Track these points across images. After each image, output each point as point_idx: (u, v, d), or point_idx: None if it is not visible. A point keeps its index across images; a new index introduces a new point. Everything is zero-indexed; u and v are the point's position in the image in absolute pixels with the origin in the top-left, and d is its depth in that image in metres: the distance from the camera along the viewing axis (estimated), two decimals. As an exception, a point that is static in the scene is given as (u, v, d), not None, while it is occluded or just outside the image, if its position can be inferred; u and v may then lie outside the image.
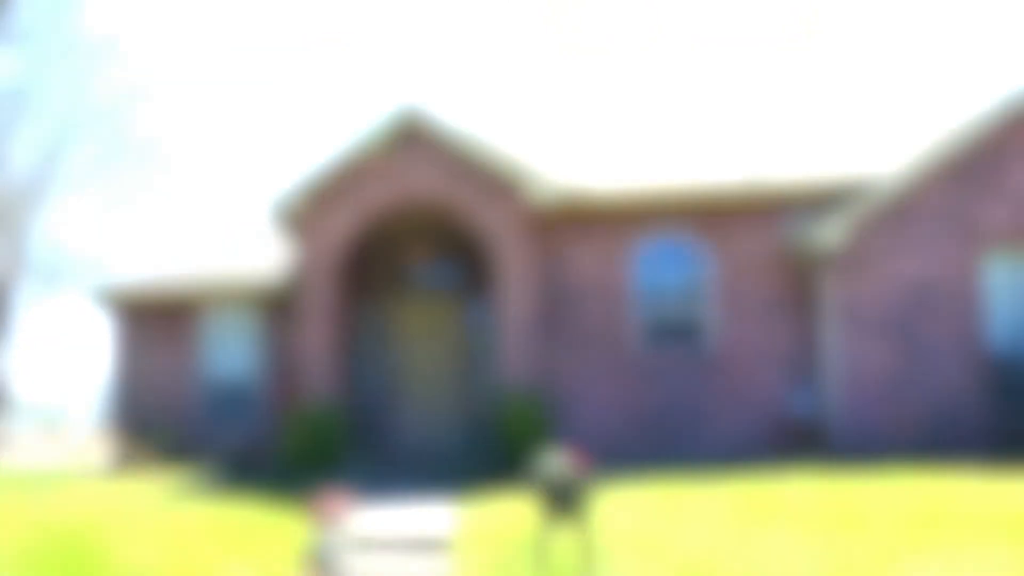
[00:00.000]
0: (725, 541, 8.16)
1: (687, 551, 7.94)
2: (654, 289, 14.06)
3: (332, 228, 13.65)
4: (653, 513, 9.13)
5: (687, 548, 8.02)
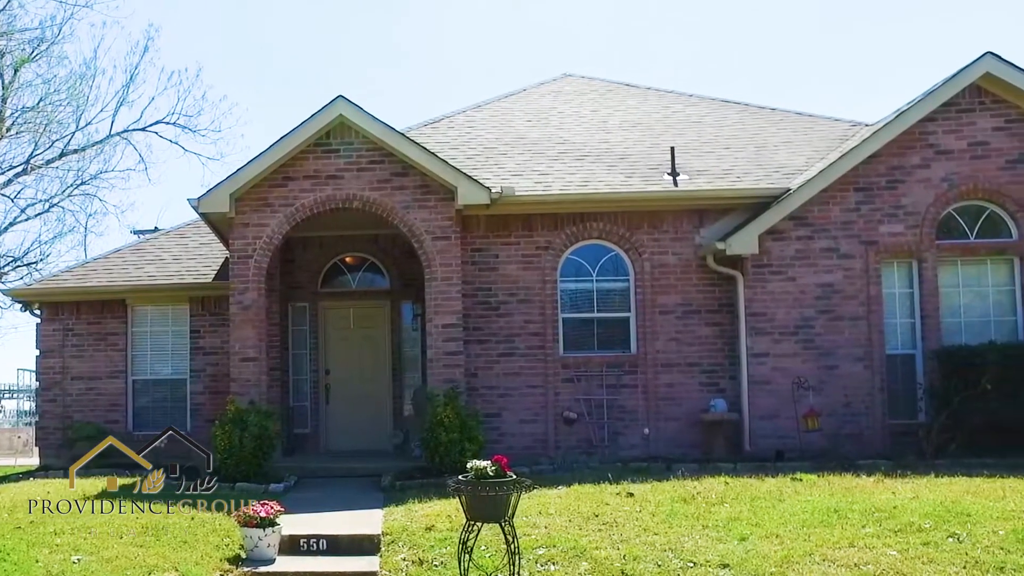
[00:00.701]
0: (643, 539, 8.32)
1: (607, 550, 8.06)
2: (577, 294, 14.16)
3: (261, 228, 13.44)
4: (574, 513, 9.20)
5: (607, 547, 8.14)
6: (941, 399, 12.59)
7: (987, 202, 13.66)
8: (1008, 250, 13.58)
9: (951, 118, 13.69)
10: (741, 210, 13.96)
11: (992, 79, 13.56)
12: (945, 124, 13.69)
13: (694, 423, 13.57)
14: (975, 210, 13.70)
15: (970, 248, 13.65)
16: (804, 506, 9.05)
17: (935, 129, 13.69)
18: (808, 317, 13.42)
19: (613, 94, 18.92)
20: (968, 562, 7.36)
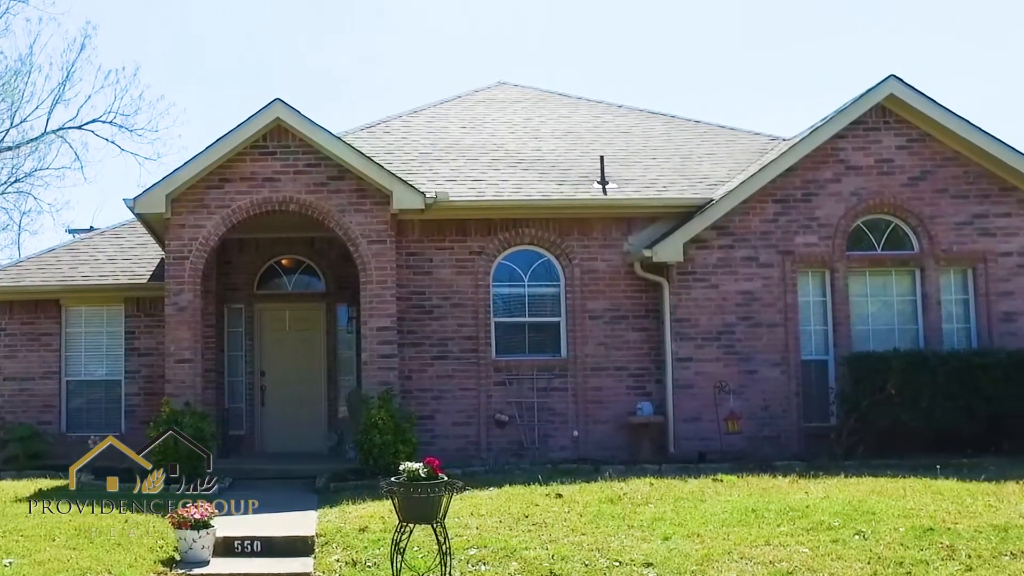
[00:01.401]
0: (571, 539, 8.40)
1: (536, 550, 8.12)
2: (510, 299, 14.25)
3: (197, 230, 13.25)
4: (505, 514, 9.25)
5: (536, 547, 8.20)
6: (851, 403, 12.97)
7: (892, 216, 14.10)
8: (910, 262, 14.04)
9: (860, 136, 14.12)
10: (667, 219, 14.15)
11: (896, 100, 14.01)
12: (854, 141, 14.11)
13: (622, 426, 13.73)
14: (881, 224, 14.13)
15: (877, 260, 14.07)
16: (724, 506, 9.25)
17: (845, 146, 14.09)
18: (729, 323, 13.70)
19: (546, 103, 19.04)
20: (872, 558, 7.59)
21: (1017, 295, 13.88)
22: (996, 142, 13.88)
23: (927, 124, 14.07)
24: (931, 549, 7.69)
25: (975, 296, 13.96)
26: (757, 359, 13.63)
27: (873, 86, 14.03)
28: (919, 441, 12.87)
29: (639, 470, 11.75)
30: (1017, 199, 14.06)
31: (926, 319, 13.84)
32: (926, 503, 9.07)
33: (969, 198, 14.05)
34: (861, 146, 14.10)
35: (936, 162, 14.11)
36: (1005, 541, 7.75)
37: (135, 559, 8.26)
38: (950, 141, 14.07)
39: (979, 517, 8.45)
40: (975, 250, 13.95)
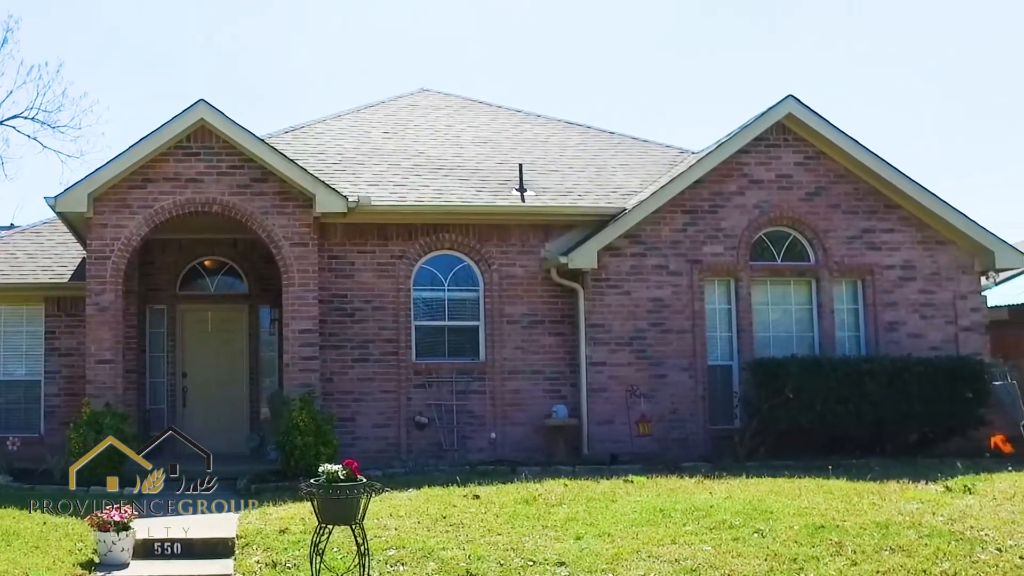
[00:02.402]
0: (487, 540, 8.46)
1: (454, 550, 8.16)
2: (430, 303, 14.24)
3: (120, 229, 12.94)
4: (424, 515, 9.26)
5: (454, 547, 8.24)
6: (753, 407, 13.32)
7: (791, 229, 14.53)
8: (807, 272, 14.49)
9: (762, 151, 14.51)
10: (583, 226, 14.31)
11: (794, 119, 14.47)
12: (757, 156, 14.49)
13: (538, 428, 13.83)
14: (781, 236, 14.55)
15: (777, 270, 14.49)
16: (634, 506, 9.41)
17: (749, 160, 14.46)
18: (641, 329, 13.92)
19: (467, 110, 19.08)
20: (769, 555, 7.83)
21: (900, 306, 14.44)
22: (881, 162, 14.42)
23: (821, 143, 14.53)
24: (822, 545, 7.96)
25: (863, 306, 14.50)
26: (667, 364, 13.89)
27: (773, 105, 14.43)
28: (814, 442, 13.26)
29: (554, 471, 11.85)
30: (899, 216, 14.62)
31: (821, 327, 14.31)
32: (818, 502, 9.38)
33: (859, 213, 14.57)
34: (763, 161, 14.49)
35: (830, 179, 14.59)
36: (886, 537, 8.07)
37: (53, 562, 8.08)
38: (842, 159, 14.56)
39: (864, 515, 8.78)
40: (863, 263, 14.47)
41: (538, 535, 8.55)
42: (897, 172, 14.44)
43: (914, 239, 14.60)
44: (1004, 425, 13.88)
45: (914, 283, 14.50)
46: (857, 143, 14.42)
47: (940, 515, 8.68)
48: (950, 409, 13.31)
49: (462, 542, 8.40)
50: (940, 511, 8.85)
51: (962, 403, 13.34)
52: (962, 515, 8.67)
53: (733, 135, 14.51)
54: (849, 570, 7.41)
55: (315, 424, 12.02)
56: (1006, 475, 10.96)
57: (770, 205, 14.37)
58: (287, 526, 9.03)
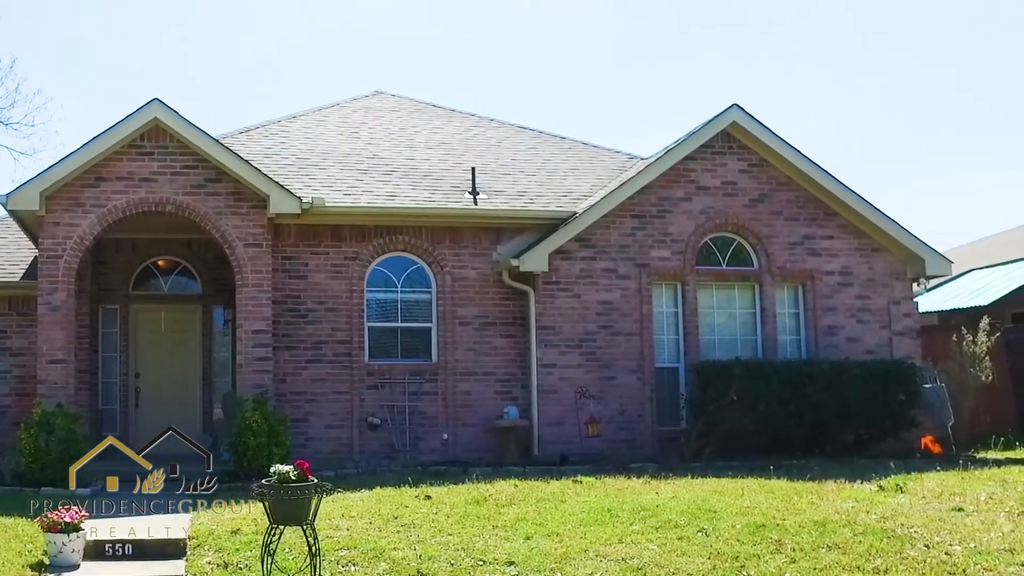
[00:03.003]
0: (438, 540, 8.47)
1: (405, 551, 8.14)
2: (383, 304, 14.19)
3: (72, 228, 12.71)
4: (375, 515, 9.23)
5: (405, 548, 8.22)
6: (698, 408, 13.46)
7: (735, 235, 14.73)
8: (751, 277, 14.69)
9: (708, 159, 14.68)
10: (534, 230, 14.37)
11: (738, 128, 14.67)
12: (703, 163, 14.66)
13: (489, 429, 13.84)
14: (727, 241, 14.74)
15: (722, 274, 14.67)
16: (583, 506, 9.46)
17: (696, 167, 14.62)
18: (591, 331, 14.01)
19: (421, 113, 19.06)
20: (712, 553, 7.91)
21: (838, 310, 14.71)
22: (821, 171, 14.68)
23: (765, 151, 14.75)
24: (763, 544, 8.06)
25: (804, 310, 14.74)
26: (616, 366, 13.99)
27: (719, 113, 14.62)
28: (757, 443, 13.42)
29: (505, 472, 11.87)
30: (838, 224, 14.89)
31: (764, 330, 14.52)
32: (760, 502, 9.51)
33: (800, 220, 14.81)
34: (709, 168, 14.66)
35: (772, 186, 14.80)
36: (823, 535, 8.20)
37: (3, 563, 7.92)
38: (784, 168, 14.79)
39: (803, 513, 8.91)
40: (804, 268, 14.70)
41: (488, 535, 8.56)
42: (835, 181, 14.72)
43: (851, 246, 14.88)
44: (933, 426, 14.23)
45: (851, 289, 14.78)
46: (798, 152, 14.67)
47: (874, 514, 8.85)
48: (884, 411, 13.60)
49: (413, 542, 8.39)
50: (874, 510, 9.03)
51: (895, 405, 13.64)
52: (894, 513, 8.85)
53: (680, 142, 14.66)
54: (788, 568, 7.52)
55: (268, 425, 11.92)
56: (934, 474, 11.22)
57: (715, 211, 14.54)
58: (239, 527, 8.94)
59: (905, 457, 12.94)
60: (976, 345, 15.23)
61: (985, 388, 15.41)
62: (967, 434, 15.08)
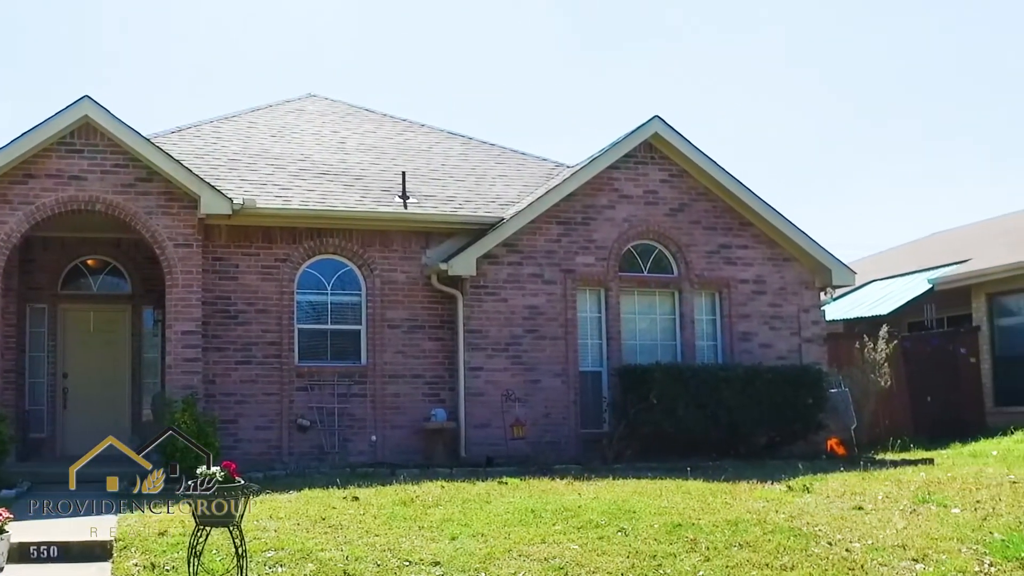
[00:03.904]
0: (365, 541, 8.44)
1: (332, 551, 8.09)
2: (313, 306, 14.04)
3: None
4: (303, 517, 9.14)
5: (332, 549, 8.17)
6: (621, 411, 13.62)
7: (656, 242, 14.93)
8: (671, 284, 14.93)
9: (631, 168, 14.85)
10: (462, 234, 14.36)
11: (660, 139, 14.88)
12: (627, 173, 14.83)
13: (417, 431, 13.82)
14: (648, 249, 14.94)
15: (644, 281, 14.86)
16: (507, 507, 9.50)
17: (619, 176, 14.78)
18: (517, 335, 14.06)
19: (353, 117, 18.93)
20: (631, 552, 8.02)
21: (753, 318, 15.04)
22: (736, 182, 14.99)
23: (684, 162, 15.00)
24: (679, 543, 8.20)
25: (720, 317, 15.03)
26: (541, 369, 14.06)
27: (641, 124, 14.81)
28: (676, 445, 13.56)
29: (432, 473, 11.86)
30: (752, 234, 15.22)
31: (683, 336, 14.76)
32: (677, 502, 9.67)
33: (717, 230, 15.09)
34: (632, 177, 14.84)
35: (691, 196, 15.05)
36: (735, 534, 8.38)
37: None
38: (702, 178, 15.06)
39: (717, 513, 9.07)
40: (721, 276, 14.99)
41: (415, 536, 8.56)
42: (750, 193, 15.05)
43: (765, 256, 15.23)
44: (838, 429, 14.67)
45: (765, 297, 15.13)
46: (716, 164, 14.96)
47: (782, 513, 9.07)
48: (794, 414, 13.92)
49: (340, 543, 8.34)
50: (782, 509, 9.25)
51: (804, 409, 13.97)
52: (800, 512, 9.08)
53: (604, 151, 14.81)
54: (702, 566, 7.68)
55: (197, 426, 11.69)
56: (838, 475, 11.55)
57: (638, 219, 14.74)
58: (166, 528, 8.79)
59: (812, 458, 13.28)
60: (876, 352, 15.72)
61: (884, 393, 15.95)
62: (868, 436, 15.57)
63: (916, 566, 7.44)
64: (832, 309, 20.66)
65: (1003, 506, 9.16)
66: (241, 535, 7.34)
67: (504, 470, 12.09)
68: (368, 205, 14.32)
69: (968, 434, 16.69)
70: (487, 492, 10.43)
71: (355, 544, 8.30)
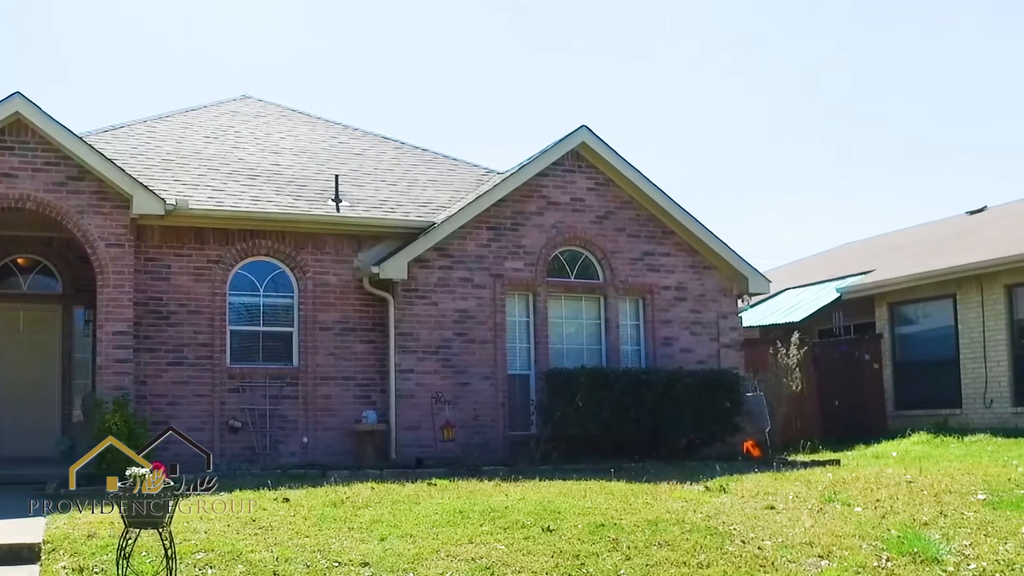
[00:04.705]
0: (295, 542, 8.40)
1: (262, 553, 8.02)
2: (246, 308, 13.85)
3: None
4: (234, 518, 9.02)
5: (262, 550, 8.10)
6: (547, 414, 13.66)
7: (583, 249, 15.07)
8: (596, 290, 15.09)
9: (559, 176, 14.96)
10: (394, 238, 14.33)
11: (587, 148, 15.04)
12: (555, 180, 14.93)
13: (348, 433, 13.71)
14: (575, 255, 15.07)
15: (570, 286, 14.98)
16: (436, 508, 9.51)
17: (547, 183, 14.87)
18: (447, 339, 14.06)
19: (287, 119, 18.75)
20: (555, 552, 8.11)
21: (674, 323, 15.31)
22: (659, 191, 15.24)
23: (610, 171, 15.17)
24: (601, 542, 8.31)
25: (644, 322, 15.25)
26: (470, 372, 14.07)
27: (569, 133, 14.96)
28: (601, 447, 13.68)
29: (363, 475, 11.76)
30: (674, 242, 15.49)
31: (608, 340, 14.94)
32: (600, 502, 9.77)
33: (640, 237, 15.31)
34: (560, 185, 14.97)
35: (617, 204, 15.23)
36: (655, 533, 8.52)
37: None
38: (627, 187, 15.27)
39: (638, 513, 9.20)
40: (644, 283, 15.21)
41: (344, 537, 8.53)
42: (672, 202, 15.33)
43: (686, 263, 15.51)
44: (754, 431, 14.98)
45: (686, 303, 15.42)
46: (640, 173, 15.18)
47: (700, 513, 9.25)
48: (713, 417, 14.15)
49: (270, 544, 8.27)
50: (700, 509, 9.43)
51: (722, 412, 14.23)
52: (717, 512, 9.27)
53: (534, 159, 14.92)
54: (623, 564, 7.81)
55: (128, 427, 11.47)
56: (753, 476, 11.83)
57: (565, 226, 14.87)
58: (95, 530, 8.59)
59: (729, 460, 13.53)
60: (789, 357, 16.13)
61: (796, 396, 16.38)
62: (781, 438, 15.94)
63: (821, 563, 7.70)
64: (749, 316, 21.15)
65: (900, 504, 9.52)
66: (171, 537, 7.25)
67: (434, 471, 12.05)
68: (301, 208, 14.20)
69: (872, 436, 17.30)
70: (416, 493, 10.43)
71: (285, 545, 8.24)
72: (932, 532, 8.31)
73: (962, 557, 7.69)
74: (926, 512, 9.08)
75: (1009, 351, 17.48)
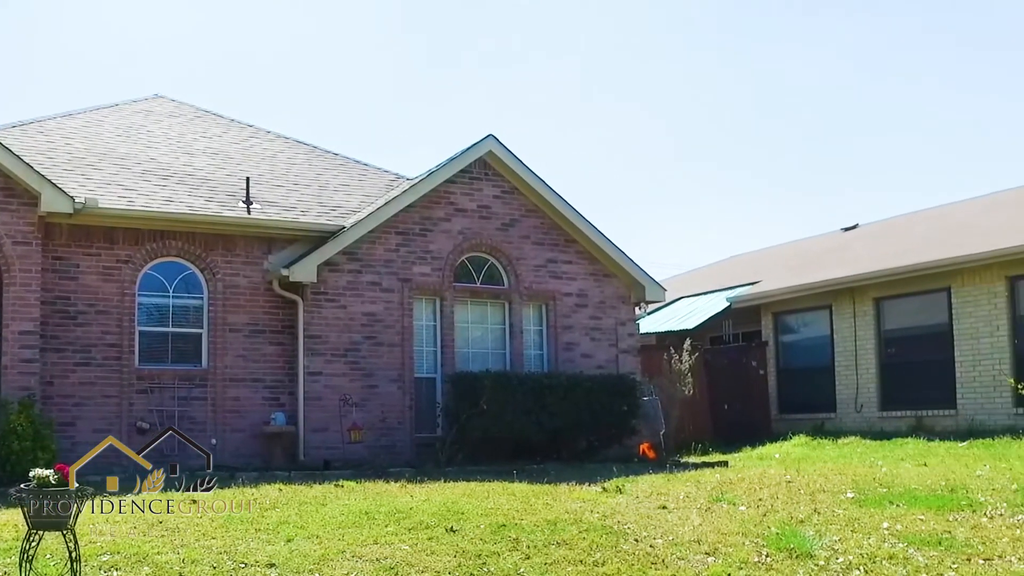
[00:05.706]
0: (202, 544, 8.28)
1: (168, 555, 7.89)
2: (155, 308, 13.53)
3: None
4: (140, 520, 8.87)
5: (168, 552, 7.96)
6: (453, 417, 13.70)
7: (489, 255, 15.14)
8: (502, 295, 15.20)
9: (466, 183, 15.01)
10: (304, 241, 14.19)
11: (494, 156, 15.13)
12: (462, 187, 14.97)
13: (257, 435, 13.52)
14: (481, 261, 15.14)
15: (477, 291, 15.06)
16: (342, 509, 9.49)
17: (455, 190, 14.91)
18: (356, 342, 13.98)
19: (200, 120, 18.36)
20: (458, 552, 8.17)
21: (575, 329, 15.54)
22: (562, 201, 15.43)
23: (515, 180, 15.30)
24: (503, 542, 8.41)
25: (547, 328, 15.42)
26: (378, 375, 14.01)
27: (477, 141, 15.03)
28: (505, 449, 13.78)
29: (271, 477, 11.65)
30: (577, 250, 15.73)
31: (512, 345, 15.07)
32: (502, 503, 9.88)
33: (544, 245, 15.49)
34: (467, 192, 15.02)
35: (522, 212, 15.37)
36: (554, 532, 8.67)
37: None
38: (532, 196, 15.41)
39: (538, 514, 9.33)
40: (548, 289, 15.40)
41: (251, 538, 8.45)
42: (574, 211, 15.58)
43: (587, 271, 15.76)
44: (649, 434, 15.30)
45: (586, 310, 15.68)
46: (544, 182, 15.37)
47: (597, 513, 9.45)
48: (611, 420, 14.36)
49: (177, 546, 8.14)
50: (597, 509, 9.63)
51: (620, 415, 14.45)
52: (613, 512, 9.48)
53: (442, 166, 14.96)
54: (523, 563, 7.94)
55: (34, 429, 11.07)
56: (647, 477, 12.12)
57: (472, 232, 14.93)
58: (-3, 532, 8.36)
59: (626, 461, 13.77)
60: (682, 363, 16.61)
61: (688, 401, 16.87)
62: (675, 440, 16.32)
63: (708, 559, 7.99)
64: (645, 323, 21.62)
65: (779, 503, 9.95)
66: (75, 539, 7.10)
67: (341, 473, 11.98)
68: (212, 209, 13.95)
69: (757, 438, 17.94)
70: (323, 495, 10.39)
71: (192, 547, 8.13)
72: (807, 529, 8.71)
73: (832, 552, 8.09)
74: (802, 510, 9.51)
75: (877, 359, 18.41)
